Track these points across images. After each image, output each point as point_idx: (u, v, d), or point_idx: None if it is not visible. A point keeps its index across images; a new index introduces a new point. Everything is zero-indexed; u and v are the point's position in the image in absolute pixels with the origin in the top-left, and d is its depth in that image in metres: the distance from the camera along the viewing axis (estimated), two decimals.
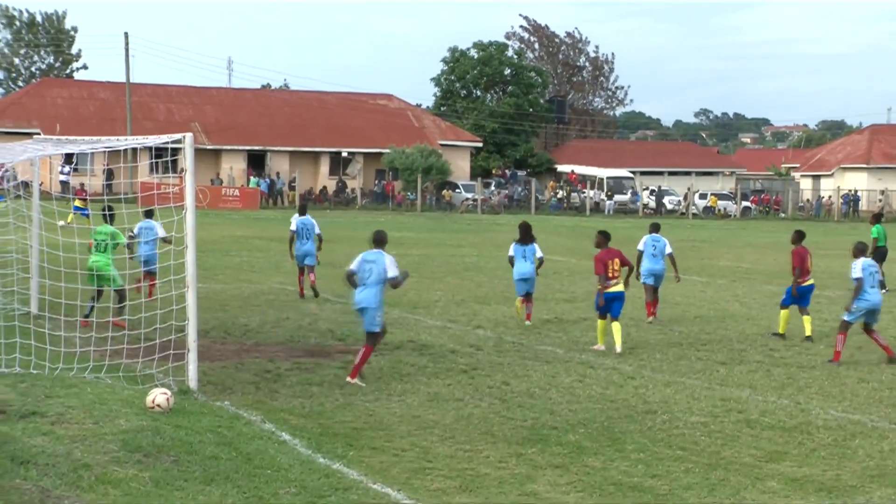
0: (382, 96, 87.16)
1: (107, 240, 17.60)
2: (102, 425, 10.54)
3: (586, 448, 11.18)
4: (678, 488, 9.87)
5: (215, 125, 75.65)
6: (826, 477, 10.43)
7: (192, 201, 13.17)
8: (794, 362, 16.75)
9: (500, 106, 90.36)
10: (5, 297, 17.41)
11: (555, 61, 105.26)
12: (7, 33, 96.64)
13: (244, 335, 17.83)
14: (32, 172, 19.75)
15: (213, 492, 8.98)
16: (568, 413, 12.78)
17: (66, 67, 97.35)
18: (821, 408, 13.49)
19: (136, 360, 13.55)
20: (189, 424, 11.00)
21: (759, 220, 75.75)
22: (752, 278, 30.82)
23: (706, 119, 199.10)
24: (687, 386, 14.61)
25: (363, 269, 14.40)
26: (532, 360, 16.24)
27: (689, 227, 57.95)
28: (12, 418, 10.47)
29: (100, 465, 9.26)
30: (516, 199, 77.71)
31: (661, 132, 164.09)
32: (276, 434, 11.22)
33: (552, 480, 10.00)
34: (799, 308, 19.43)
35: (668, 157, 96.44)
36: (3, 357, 13.46)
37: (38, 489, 8.16)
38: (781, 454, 11.19)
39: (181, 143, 13.39)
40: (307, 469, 9.92)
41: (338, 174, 77.37)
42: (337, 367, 15.07)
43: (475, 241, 42.71)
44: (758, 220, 75.63)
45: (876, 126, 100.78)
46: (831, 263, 37.16)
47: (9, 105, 75.79)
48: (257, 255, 32.37)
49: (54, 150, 17.96)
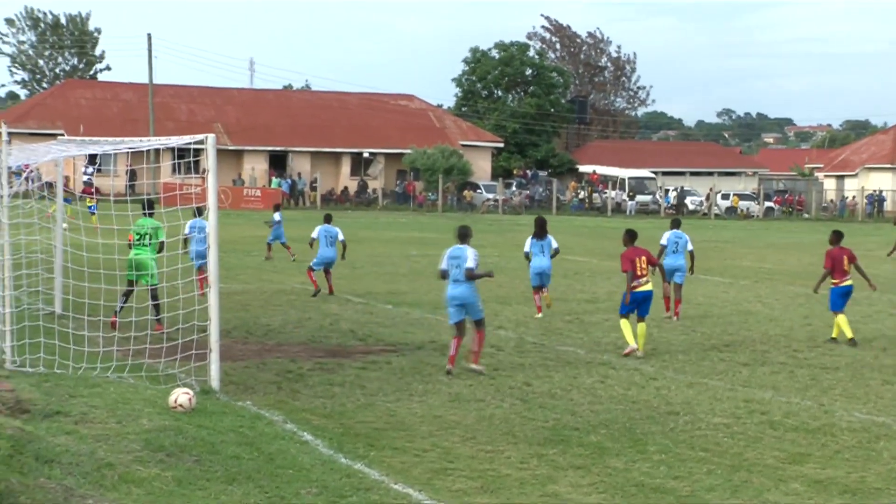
0: (403, 97, 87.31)
1: (150, 233, 17.50)
2: (125, 425, 10.59)
3: (608, 449, 11.15)
4: (701, 490, 9.83)
5: (237, 126, 75.92)
6: (850, 479, 10.36)
7: (215, 202, 13.21)
8: (817, 364, 16.66)
9: (521, 106, 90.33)
10: (30, 297, 17.50)
11: (576, 61, 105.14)
12: (32, 35, 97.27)
13: (266, 335, 17.87)
14: (56, 173, 19.88)
15: (235, 491, 9.00)
16: (590, 414, 12.75)
17: (89, 69, 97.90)
18: (845, 410, 13.41)
19: (159, 359, 13.60)
20: (211, 424, 11.04)
21: (783, 220, 75.43)
22: (775, 279, 30.67)
23: (729, 119, 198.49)
24: (709, 387, 14.56)
25: (451, 266, 14.90)
26: (553, 360, 16.22)
27: (711, 228, 57.74)
28: (36, 417, 10.53)
29: (123, 465, 9.29)
30: (537, 200, 77.66)
31: (683, 132, 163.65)
32: (298, 434, 11.24)
33: (574, 481, 9.98)
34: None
35: (690, 158, 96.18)
36: (27, 356, 13.55)
37: (62, 488, 8.20)
38: (805, 456, 11.13)
39: (203, 144, 13.42)
40: (329, 469, 9.93)
41: (359, 175, 77.54)
42: (358, 368, 15.09)
43: (496, 242, 42.66)
44: (781, 220, 75.31)
45: None
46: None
47: (33, 106, 76.36)
48: (279, 255, 32.43)
49: (78, 150, 18.04)
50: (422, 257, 32.73)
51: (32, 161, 16.41)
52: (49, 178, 20.89)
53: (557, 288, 25.36)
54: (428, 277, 18.08)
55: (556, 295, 23.15)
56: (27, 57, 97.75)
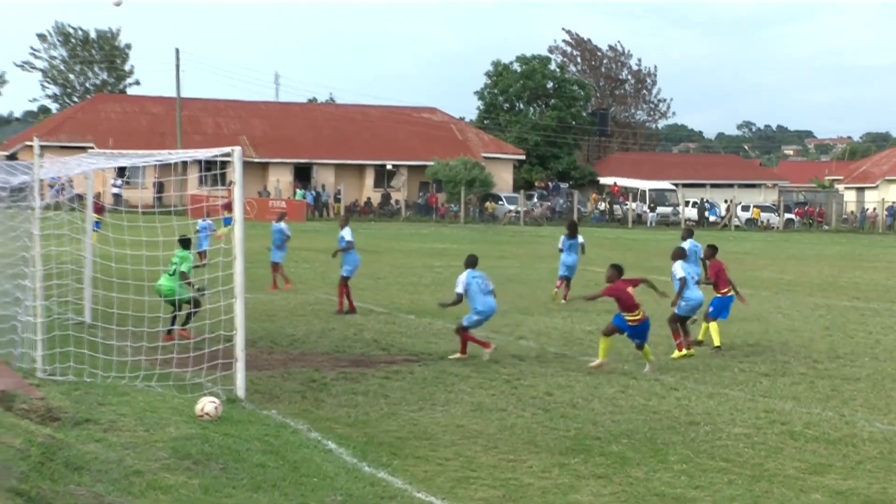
0: (426, 109, 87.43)
1: (178, 263, 17.66)
2: (153, 433, 10.63)
3: (629, 459, 11.12)
4: (721, 500, 9.78)
5: (263, 138, 76.20)
6: (872, 490, 10.29)
7: (241, 213, 13.27)
8: (838, 374, 16.56)
9: (542, 119, 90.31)
10: (60, 307, 17.61)
11: (597, 74, 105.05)
12: (63, 50, 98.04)
13: (290, 345, 17.92)
14: (87, 186, 20.01)
15: (260, 499, 9.01)
16: (611, 424, 12.72)
17: (119, 83, 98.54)
18: (866, 420, 13.32)
19: (186, 369, 13.66)
20: (237, 432, 11.07)
21: (803, 232, 75.07)
22: (796, 290, 30.50)
23: (749, 131, 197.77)
24: (730, 397, 14.49)
25: (475, 285, 16.97)
26: (575, 370, 16.19)
27: (731, 240, 57.47)
28: (67, 425, 10.58)
29: (151, 472, 9.32)
30: (559, 211, 77.61)
31: (703, 144, 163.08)
32: (323, 443, 11.26)
33: (595, 491, 9.96)
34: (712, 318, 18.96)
35: (710, 170, 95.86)
36: (58, 365, 13.63)
37: (91, 494, 8.23)
38: (826, 467, 11.06)
39: (230, 157, 13.49)
40: (353, 477, 9.94)
41: (382, 186, 77.67)
42: (382, 377, 15.10)
43: (518, 253, 42.64)
44: (801, 232, 74.96)
45: None
46: (875, 276, 36.77)
47: (64, 120, 76.89)
48: (303, 266, 32.51)
49: (107, 163, 18.17)
50: (444, 268, 32.71)
51: (64, 174, 16.53)
52: (79, 191, 21.03)
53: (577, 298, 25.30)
54: (451, 288, 18.08)
55: (578, 306, 23.09)
56: (58, 72, 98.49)
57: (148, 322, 15.40)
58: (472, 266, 17.30)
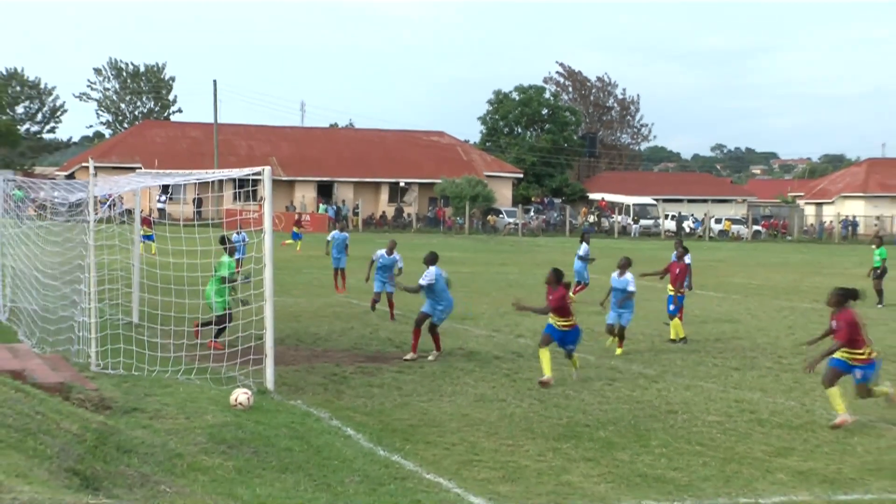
0: (435, 133, 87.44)
1: (217, 269, 16.66)
2: (193, 420, 10.63)
3: (615, 443, 11.11)
4: (697, 480, 9.77)
5: (290, 159, 76.28)
6: (829, 470, 10.27)
7: (270, 225, 13.28)
8: (800, 368, 16.50)
9: (538, 141, 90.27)
10: (112, 309, 17.63)
11: (587, 102, 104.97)
12: (115, 83, 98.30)
13: (314, 342, 17.91)
14: (134, 201, 20.06)
15: (287, 479, 9.02)
16: (599, 412, 12.70)
17: (164, 111, 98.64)
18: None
19: (222, 363, 13.67)
20: (266, 420, 11.06)
21: (769, 242, 74.86)
22: (763, 294, 30.44)
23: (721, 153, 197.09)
24: (704, 389, 14.47)
25: (441, 281, 16.41)
26: (567, 365, 16.15)
27: (706, 249, 57.34)
28: (117, 413, 10.60)
29: (191, 455, 9.33)
30: (553, 224, 77.54)
31: (680, 164, 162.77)
32: (342, 429, 11.25)
33: (585, 472, 9.95)
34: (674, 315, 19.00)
35: (687, 187, 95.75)
36: (109, 360, 13.65)
37: (138, 474, 8.24)
38: (789, 450, 11.04)
39: (260, 175, 13.50)
40: (369, 460, 9.94)
41: (396, 201, 77.71)
42: (395, 371, 15.09)
43: (517, 261, 42.60)
44: (767, 242, 74.74)
45: (872, 160, 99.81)
46: (833, 281, 36.64)
47: (115, 144, 77.11)
48: (326, 272, 32.47)
49: (153, 181, 18.20)
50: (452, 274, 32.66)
51: (115, 191, 16.56)
52: (128, 206, 21.07)
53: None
54: (455, 292, 18.05)
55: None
56: (111, 102, 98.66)
57: (188, 322, 15.41)
58: (435, 262, 16.68)
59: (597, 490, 9.36)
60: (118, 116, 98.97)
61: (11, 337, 15.23)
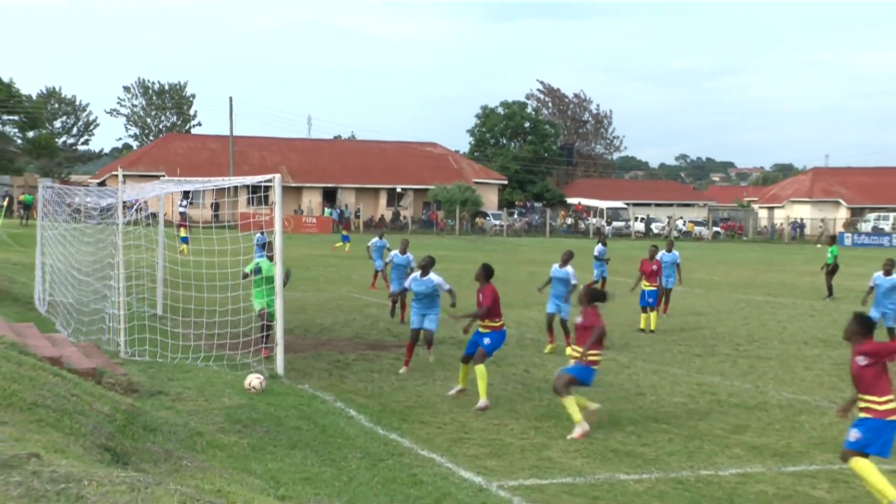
0: (429, 144, 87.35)
1: (263, 272, 14.54)
2: (211, 402, 10.62)
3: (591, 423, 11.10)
4: (663, 454, 9.79)
5: (298, 168, 76.16)
6: (779, 445, 10.31)
7: (280, 227, 13.28)
8: (754, 355, 16.58)
9: (521, 151, 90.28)
10: (138, 302, 17.60)
11: (564, 116, 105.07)
12: (142, 100, 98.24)
13: (320, 332, 17.89)
14: (158, 206, 20.01)
15: (296, 455, 9.01)
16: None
17: (185, 125, 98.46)
18: (775, 391, 13.34)
19: (237, 351, 13.66)
20: (277, 402, 11.06)
21: (727, 242, 75.00)
22: (722, 288, 30.50)
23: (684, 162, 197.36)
24: (670, 373, 14.50)
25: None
26: (547, 353, 16.16)
27: None
28: (143, 396, 10.58)
29: (209, 433, 9.32)
30: (534, 225, 77.53)
31: (648, 172, 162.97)
32: (345, 411, 11.24)
33: (564, 448, 9.96)
34: (649, 308, 19.03)
35: (654, 192, 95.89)
36: (136, 348, 13.63)
37: (163, 450, 8.23)
38: (744, 427, 11.07)
39: (271, 182, 13.50)
40: (370, 438, 9.93)
41: (393, 206, 77.61)
42: (393, 358, 15.08)
43: (502, 259, 42.58)
44: (725, 242, 74.88)
45: (817, 168, 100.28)
46: (783, 277, 36.78)
47: (142, 155, 76.87)
48: (330, 269, 32.50)
49: (175, 188, 18.17)
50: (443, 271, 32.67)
51: (141, 197, 16.52)
52: (153, 210, 21.02)
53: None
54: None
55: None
56: (138, 117, 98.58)
57: (206, 314, 15.38)
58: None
59: (574, 464, 9.38)
60: (144, 130, 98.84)
61: (50, 327, 15.18)
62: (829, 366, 15.59)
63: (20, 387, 8.07)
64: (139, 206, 16.31)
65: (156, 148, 78.26)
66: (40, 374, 8.92)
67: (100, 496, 4.99)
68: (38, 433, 6.95)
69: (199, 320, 14.90)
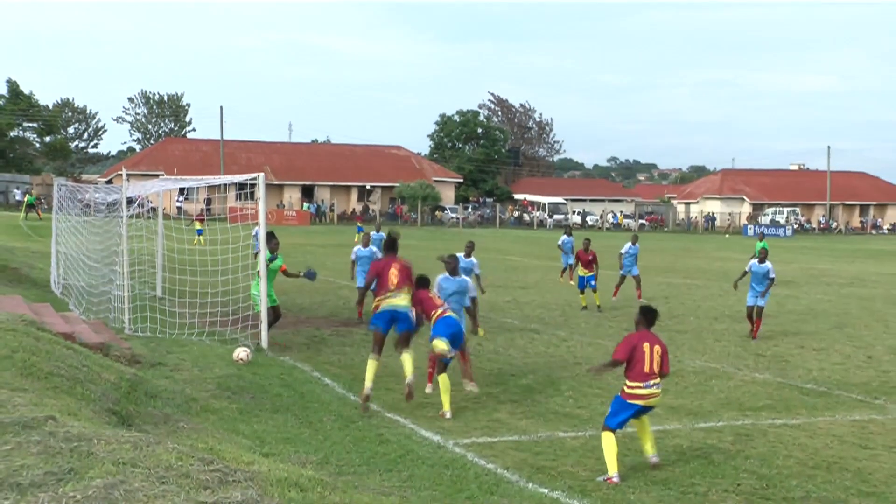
0: (394, 147, 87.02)
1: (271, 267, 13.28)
2: (204, 372, 10.56)
3: (534, 388, 11.21)
4: (596, 415, 9.90)
5: (280, 167, 75.49)
6: (693, 405, 10.50)
7: (264, 219, 13.21)
8: (673, 328, 16.83)
9: (474, 154, 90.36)
10: (141, 285, 17.40)
11: (512, 123, 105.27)
12: (144, 109, 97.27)
13: (299, 311, 17.80)
14: (158, 201, 19.75)
15: (278, 418, 9.01)
16: (522, 364, 12.81)
17: (181, 130, 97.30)
18: (690, 359, 13.57)
19: (227, 328, 13.57)
20: (262, 372, 11.02)
21: (651, 232, 75.84)
22: (647, 273, 30.77)
23: (615, 163, 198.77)
24: (603, 345, 14.66)
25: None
26: (497, 329, 16.26)
27: (604, 237, 57.86)
28: (145, 366, 10.50)
29: (203, 399, 9.28)
30: (486, 218, 77.73)
31: (584, 172, 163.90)
32: (321, 379, 11.23)
33: (511, 410, 10.04)
34: (590, 289, 19.50)
35: (589, 189, 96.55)
36: (139, 325, 13.49)
37: (162, 414, 8.19)
38: (665, 391, 11.19)
39: (256, 180, 13.42)
40: (343, 403, 9.94)
41: (363, 201, 77.29)
42: (363, 334, 15.03)
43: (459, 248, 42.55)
44: (650, 232, 75.72)
45: (726, 170, 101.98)
46: (698, 262, 37.32)
47: (143, 157, 75.74)
48: (308, 256, 32.31)
49: (172, 185, 17.96)
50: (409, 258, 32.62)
51: (143, 193, 16.32)
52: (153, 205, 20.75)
53: (499, 278, 25.38)
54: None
55: (498, 282, 23.12)
56: (140, 123, 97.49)
57: (199, 296, 15.25)
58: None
59: (519, 424, 9.46)
60: (146, 135, 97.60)
61: (64, 307, 14.95)
62: (735, 338, 15.88)
63: (38, 358, 7.98)
64: (141, 201, 16.11)
65: (156, 150, 77.04)
66: (56, 348, 8.82)
67: (108, 453, 4.98)
68: (54, 399, 6.89)
69: (193, 301, 14.77)
